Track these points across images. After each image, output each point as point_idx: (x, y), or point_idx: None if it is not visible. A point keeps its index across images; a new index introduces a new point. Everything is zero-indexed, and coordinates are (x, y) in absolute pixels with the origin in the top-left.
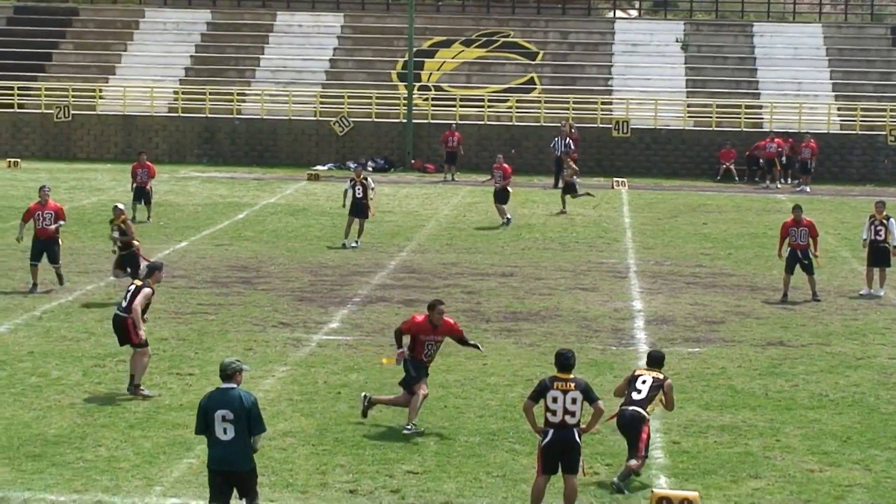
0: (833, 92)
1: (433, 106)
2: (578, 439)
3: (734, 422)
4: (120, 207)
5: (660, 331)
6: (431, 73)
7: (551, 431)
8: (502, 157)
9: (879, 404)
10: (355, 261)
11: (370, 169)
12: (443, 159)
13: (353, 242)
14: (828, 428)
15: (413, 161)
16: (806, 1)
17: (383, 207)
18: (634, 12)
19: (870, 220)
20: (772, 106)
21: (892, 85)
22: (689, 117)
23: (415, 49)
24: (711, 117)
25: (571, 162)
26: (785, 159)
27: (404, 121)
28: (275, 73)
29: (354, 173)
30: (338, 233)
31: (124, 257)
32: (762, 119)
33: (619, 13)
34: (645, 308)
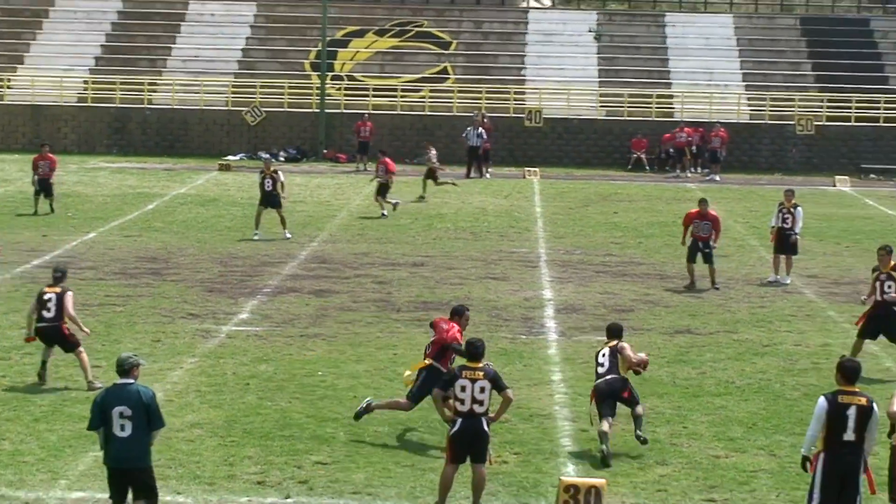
0: (743, 82)
1: (346, 96)
2: (487, 428)
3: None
4: None
5: (569, 319)
6: (344, 63)
7: (460, 420)
8: (384, 152)
9: (785, 391)
10: (266, 251)
11: (282, 159)
12: (355, 149)
13: (286, 234)
14: (734, 414)
15: (325, 151)
16: None
17: (295, 197)
18: (548, 2)
19: (779, 207)
20: (683, 96)
21: (801, 75)
22: (601, 107)
23: (328, 39)
24: (623, 107)
25: (431, 148)
26: (695, 148)
27: (317, 111)
28: (186, 63)
29: (264, 166)
30: (248, 223)
31: None
32: (674, 109)
33: (532, 3)
34: (555, 297)
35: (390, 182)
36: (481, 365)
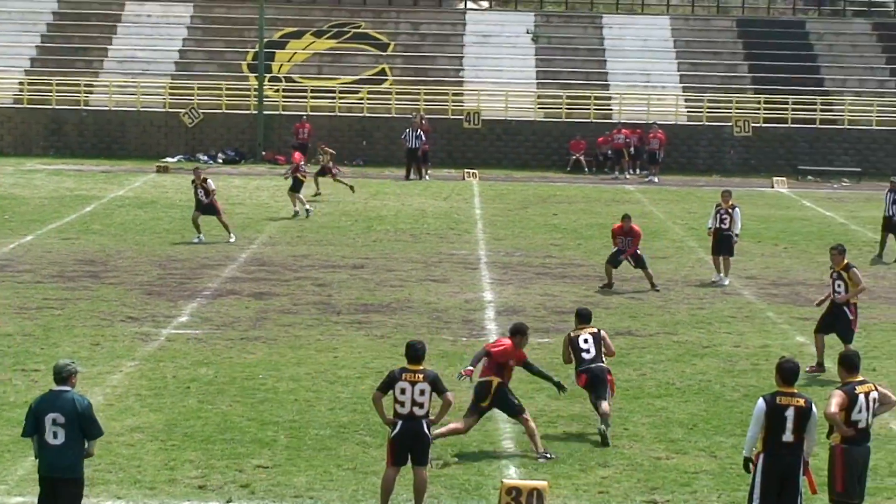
0: (681, 84)
1: (284, 97)
2: (427, 431)
3: (583, 411)
4: None
5: (510, 321)
6: (282, 65)
7: (400, 423)
8: (295, 147)
9: (724, 392)
10: (205, 254)
11: (220, 161)
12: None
13: (230, 239)
14: (674, 416)
15: (264, 153)
16: None
17: (233, 199)
18: (485, 3)
19: (716, 208)
20: (621, 97)
21: (737, 77)
22: (539, 108)
23: (265, 40)
24: (561, 108)
25: (326, 147)
26: (633, 150)
27: (255, 112)
28: (123, 64)
29: (195, 175)
30: (187, 225)
31: None
32: (612, 110)
33: (470, 4)
34: (495, 299)
35: (302, 177)
36: (421, 367)
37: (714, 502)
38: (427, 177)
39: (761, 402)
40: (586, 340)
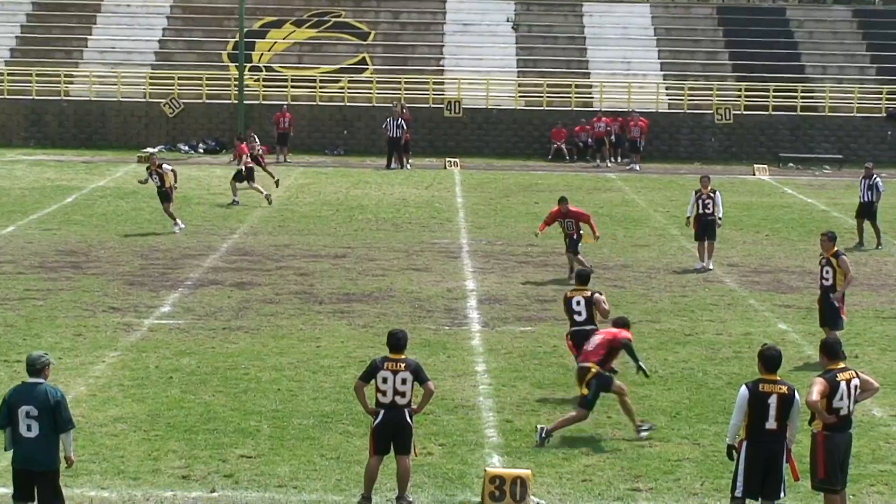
0: (661, 71)
1: (265, 87)
2: (410, 420)
3: (566, 399)
4: None
5: (492, 310)
6: (262, 54)
7: (382, 412)
8: (241, 138)
9: (707, 379)
10: (186, 244)
11: (201, 151)
12: (275, 140)
13: (175, 228)
14: (657, 404)
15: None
16: None
17: (214, 189)
18: None
19: (696, 195)
20: (602, 85)
21: (718, 64)
22: (520, 97)
23: (245, 29)
24: (542, 97)
25: (254, 136)
26: (614, 138)
27: (235, 102)
28: (103, 54)
29: (150, 162)
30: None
31: None
32: (592, 98)
33: None
34: (477, 288)
35: (246, 166)
36: (403, 356)
37: (697, 490)
38: (408, 166)
39: (744, 389)
40: (579, 303)
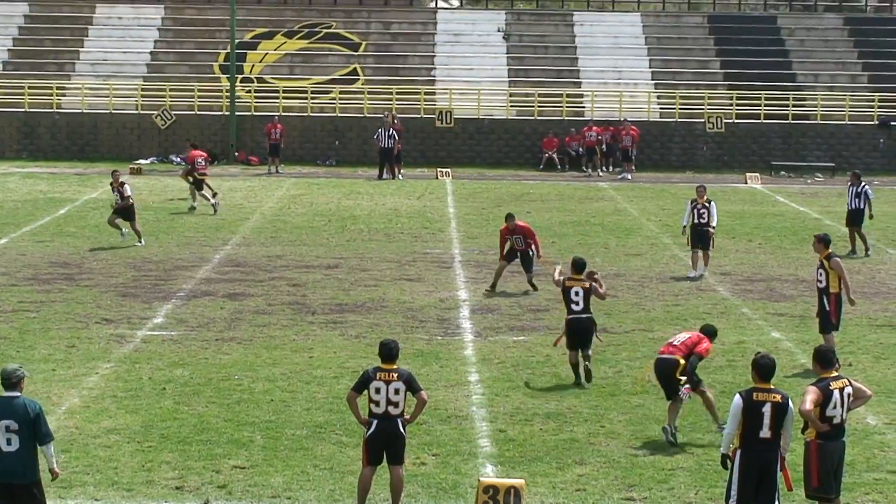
0: (652, 80)
1: (256, 98)
2: (403, 430)
3: (559, 409)
4: None
5: (485, 320)
6: (254, 65)
7: (375, 422)
8: (195, 145)
9: None
10: (179, 255)
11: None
12: (266, 151)
13: (136, 242)
14: (651, 413)
15: (237, 154)
16: None
17: (206, 201)
18: (456, 2)
19: (691, 204)
20: (593, 94)
21: (709, 73)
22: (511, 107)
23: (237, 41)
24: (534, 106)
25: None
26: (606, 147)
27: (227, 113)
28: (95, 67)
29: (113, 178)
30: (162, 227)
31: None
32: (584, 108)
33: (440, 3)
34: (470, 297)
35: (199, 175)
36: (395, 367)
37: (692, 499)
38: (400, 176)
39: (738, 398)
40: (577, 293)
